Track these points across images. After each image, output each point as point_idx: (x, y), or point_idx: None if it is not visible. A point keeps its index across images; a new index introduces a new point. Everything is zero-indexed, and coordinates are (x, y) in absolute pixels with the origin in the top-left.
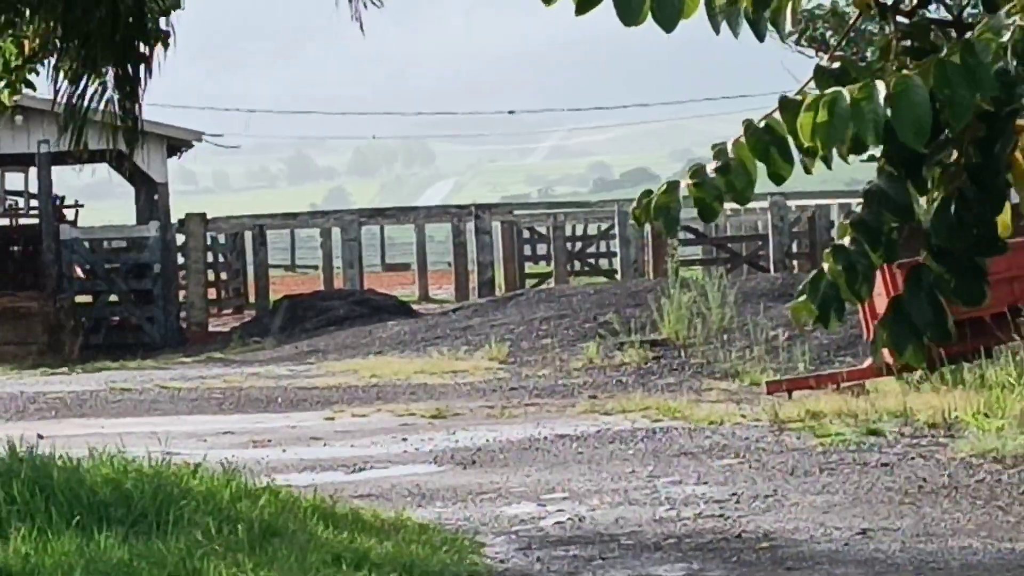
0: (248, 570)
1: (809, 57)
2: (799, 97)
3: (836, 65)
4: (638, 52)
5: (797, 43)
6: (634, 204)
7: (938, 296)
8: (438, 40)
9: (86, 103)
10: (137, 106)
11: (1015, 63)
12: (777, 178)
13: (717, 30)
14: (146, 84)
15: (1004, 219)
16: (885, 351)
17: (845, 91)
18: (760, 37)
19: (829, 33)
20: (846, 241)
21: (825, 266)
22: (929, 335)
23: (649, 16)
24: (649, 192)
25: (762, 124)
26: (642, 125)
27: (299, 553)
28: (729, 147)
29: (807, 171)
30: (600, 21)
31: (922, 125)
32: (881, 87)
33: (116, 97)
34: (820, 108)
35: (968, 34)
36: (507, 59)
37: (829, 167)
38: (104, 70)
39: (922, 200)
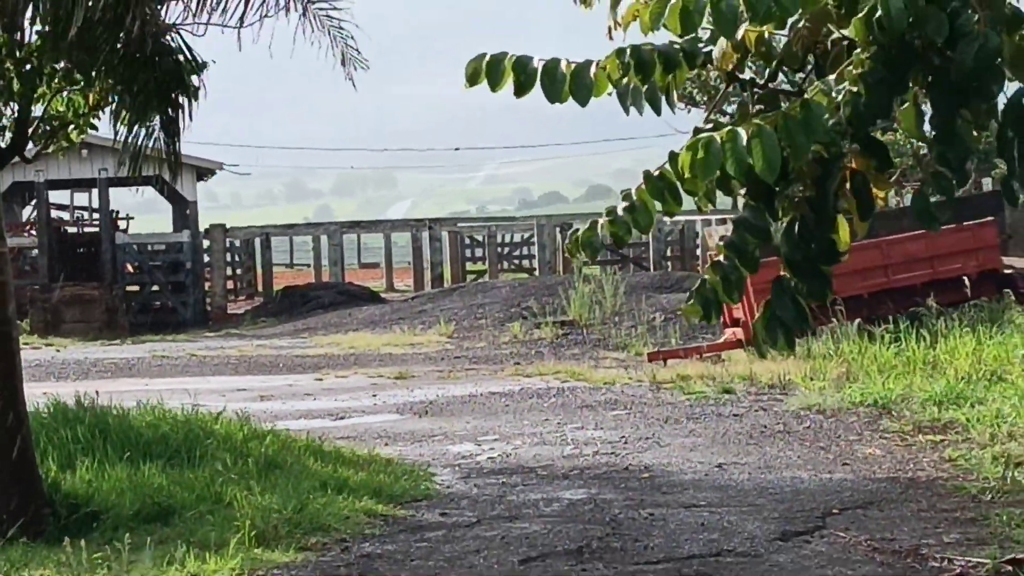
0: (257, 493)
1: (682, 110)
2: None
3: (710, 125)
4: (552, 105)
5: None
6: (568, 241)
7: (798, 297)
8: (404, 92)
9: (138, 142)
10: (175, 144)
11: (844, 117)
12: (669, 213)
13: (627, 111)
14: (183, 127)
15: (843, 236)
16: (729, 330)
17: (716, 135)
18: (658, 112)
19: (697, 91)
20: (721, 258)
21: (707, 277)
22: (795, 327)
23: (568, 95)
24: (576, 231)
25: (657, 174)
26: (554, 159)
27: (295, 481)
28: (633, 192)
29: (701, 209)
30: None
31: (773, 161)
32: (742, 132)
33: (161, 137)
34: (697, 148)
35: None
36: (455, 106)
37: (714, 205)
38: (151, 116)
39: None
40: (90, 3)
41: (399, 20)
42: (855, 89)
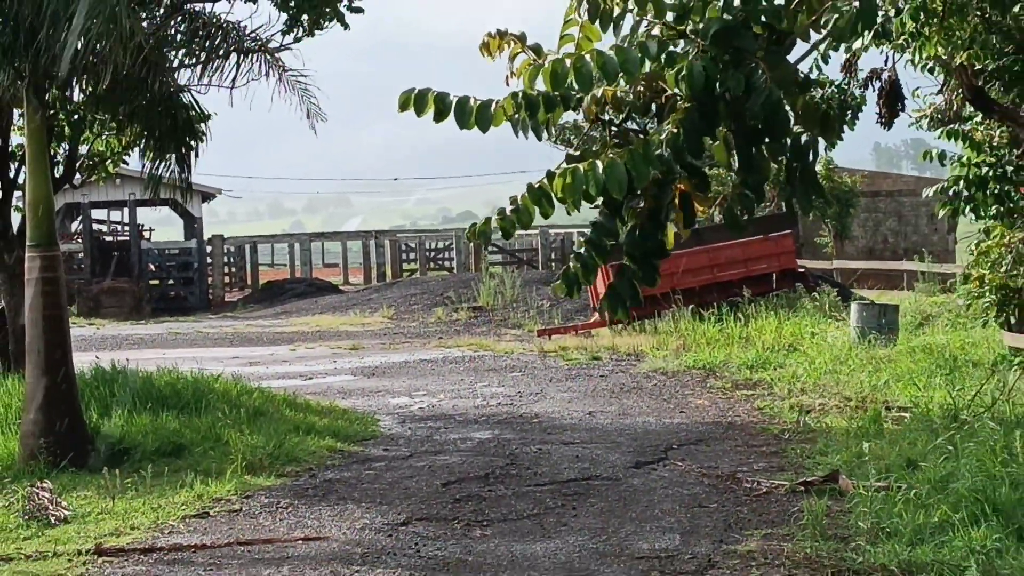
0: (247, 434)
1: (560, 149)
2: (558, 171)
3: (579, 153)
4: (466, 144)
5: (554, 142)
6: (468, 230)
7: (635, 282)
8: (355, 136)
9: (158, 173)
10: (188, 174)
11: (668, 151)
12: (545, 215)
13: (517, 135)
14: (194, 162)
15: (669, 239)
16: (596, 313)
17: (580, 166)
18: (539, 138)
19: (572, 135)
20: (582, 250)
21: (571, 264)
22: (630, 303)
23: (474, 124)
24: (475, 223)
25: (537, 186)
26: (468, 187)
27: (275, 425)
28: (519, 198)
29: (569, 213)
30: (447, 126)
31: (621, 184)
32: (600, 164)
33: (176, 169)
34: (567, 175)
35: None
36: (395, 146)
37: (579, 211)
38: (168, 154)
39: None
40: (117, 67)
41: (365, 77)
42: (675, 131)
